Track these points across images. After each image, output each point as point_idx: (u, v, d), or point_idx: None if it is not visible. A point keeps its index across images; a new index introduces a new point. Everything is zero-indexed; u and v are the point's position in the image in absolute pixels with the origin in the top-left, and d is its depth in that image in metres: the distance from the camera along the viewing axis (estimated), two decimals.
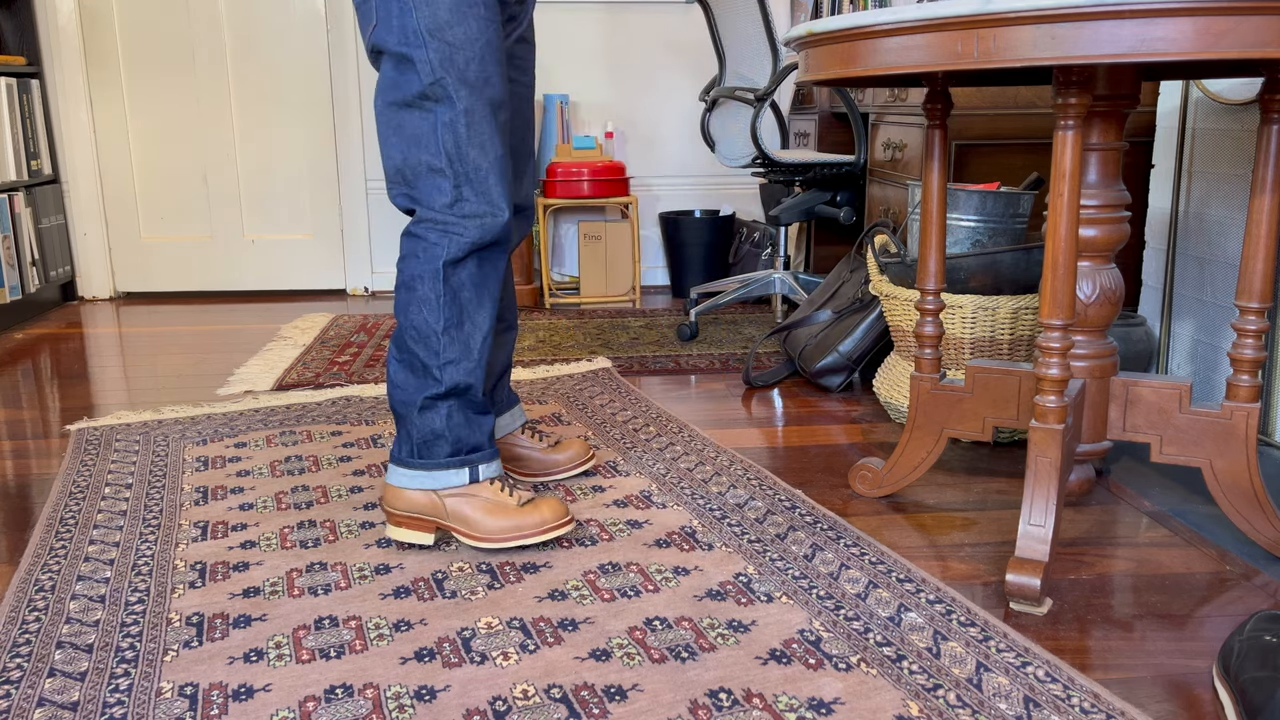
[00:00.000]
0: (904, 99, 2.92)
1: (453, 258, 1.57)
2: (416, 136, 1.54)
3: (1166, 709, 1.22)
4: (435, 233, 1.57)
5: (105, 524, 1.77)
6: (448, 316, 1.59)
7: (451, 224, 1.56)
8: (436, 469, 1.62)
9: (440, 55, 1.51)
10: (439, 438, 1.62)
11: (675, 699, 1.22)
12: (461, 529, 1.62)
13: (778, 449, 2.17)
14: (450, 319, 1.59)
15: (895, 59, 1.40)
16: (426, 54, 1.50)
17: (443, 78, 1.51)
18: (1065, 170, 1.43)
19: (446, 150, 1.53)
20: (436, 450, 1.62)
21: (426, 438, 1.62)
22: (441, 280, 1.58)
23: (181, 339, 3.33)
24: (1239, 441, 1.61)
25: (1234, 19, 1.19)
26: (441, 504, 1.63)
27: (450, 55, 1.51)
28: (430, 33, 1.50)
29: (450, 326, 1.59)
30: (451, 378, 1.60)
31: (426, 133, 1.53)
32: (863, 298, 2.59)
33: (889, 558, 1.60)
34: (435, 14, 1.50)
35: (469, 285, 1.59)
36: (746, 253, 3.97)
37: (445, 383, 1.60)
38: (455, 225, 1.56)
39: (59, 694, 1.24)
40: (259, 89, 4.04)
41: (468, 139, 1.53)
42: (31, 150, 3.73)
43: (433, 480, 1.63)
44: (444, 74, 1.51)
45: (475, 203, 1.56)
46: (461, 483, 1.63)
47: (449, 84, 1.51)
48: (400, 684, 1.26)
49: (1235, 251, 2.05)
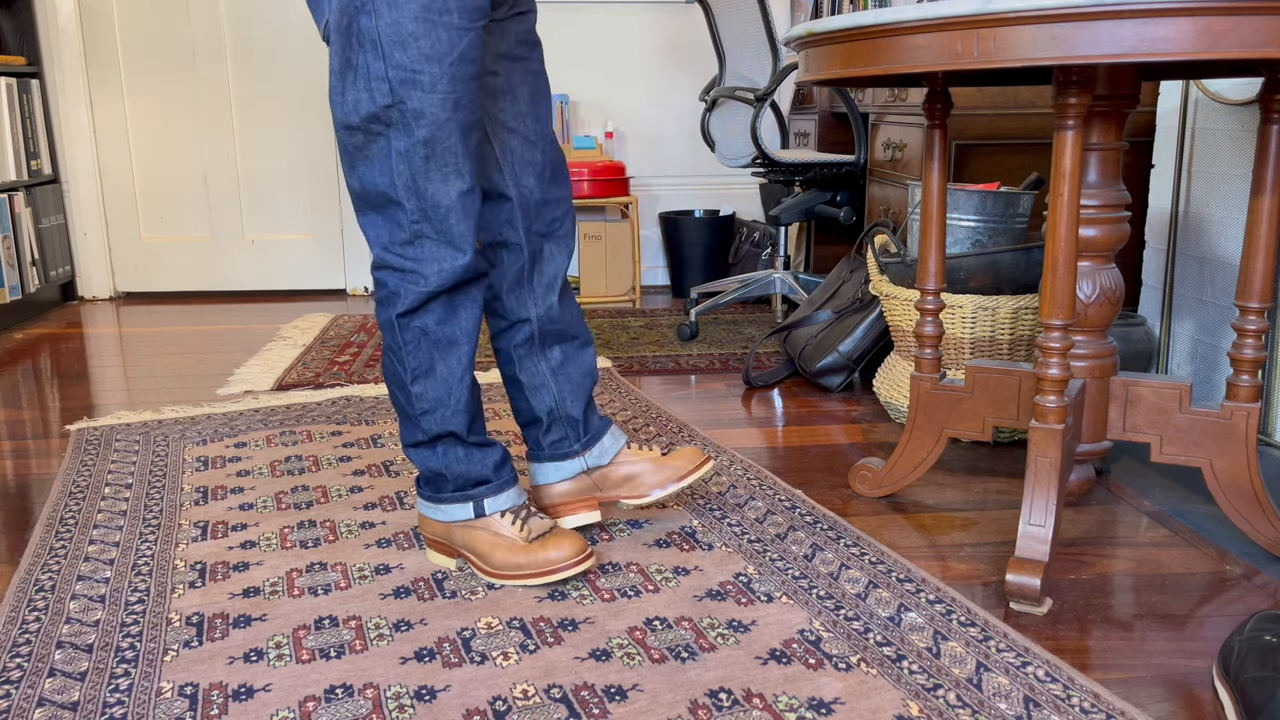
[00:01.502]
0: (904, 99, 2.92)
1: (408, 308, 1.44)
2: (369, 160, 1.37)
3: (1166, 709, 1.22)
4: (394, 278, 1.44)
5: (105, 524, 1.77)
6: (414, 367, 1.48)
7: (407, 269, 1.42)
8: (442, 502, 1.56)
9: (399, 74, 1.31)
10: (438, 475, 1.55)
11: (675, 699, 1.22)
12: (474, 560, 1.56)
13: (778, 449, 2.17)
14: (418, 368, 1.48)
15: (895, 59, 1.40)
16: (384, 69, 1.31)
17: (401, 101, 1.32)
18: (1065, 170, 1.43)
19: (401, 182, 1.37)
20: (440, 485, 1.56)
21: (427, 475, 1.57)
22: (399, 331, 1.46)
23: (181, 339, 3.33)
24: (1239, 441, 1.61)
25: (1234, 19, 1.19)
26: (454, 534, 1.58)
27: (412, 74, 1.31)
28: (391, 43, 1.30)
29: (420, 376, 1.48)
30: (430, 426, 1.51)
31: (379, 159, 1.36)
32: (863, 298, 2.59)
33: (889, 558, 1.60)
34: (399, 21, 1.30)
35: (435, 329, 1.46)
36: (746, 253, 3.97)
37: (427, 431, 1.51)
38: (411, 270, 1.42)
39: (59, 694, 1.24)
40: (259, 89, 4.04)
41: (426, 171, 1.36)
42: (31, 150, 3.73)
43: (440, 513, 1.57)
44: (403, 96, 1.32)
45: (434, 244, 1.41)
46: (467, 516, 1.55)
47: (407, 109, 1.33)
48: (400, 684, 1.26)
49: (1235, 251, 2.05)
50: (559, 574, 1.50)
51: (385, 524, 1.76)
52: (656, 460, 1.71)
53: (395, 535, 1.71)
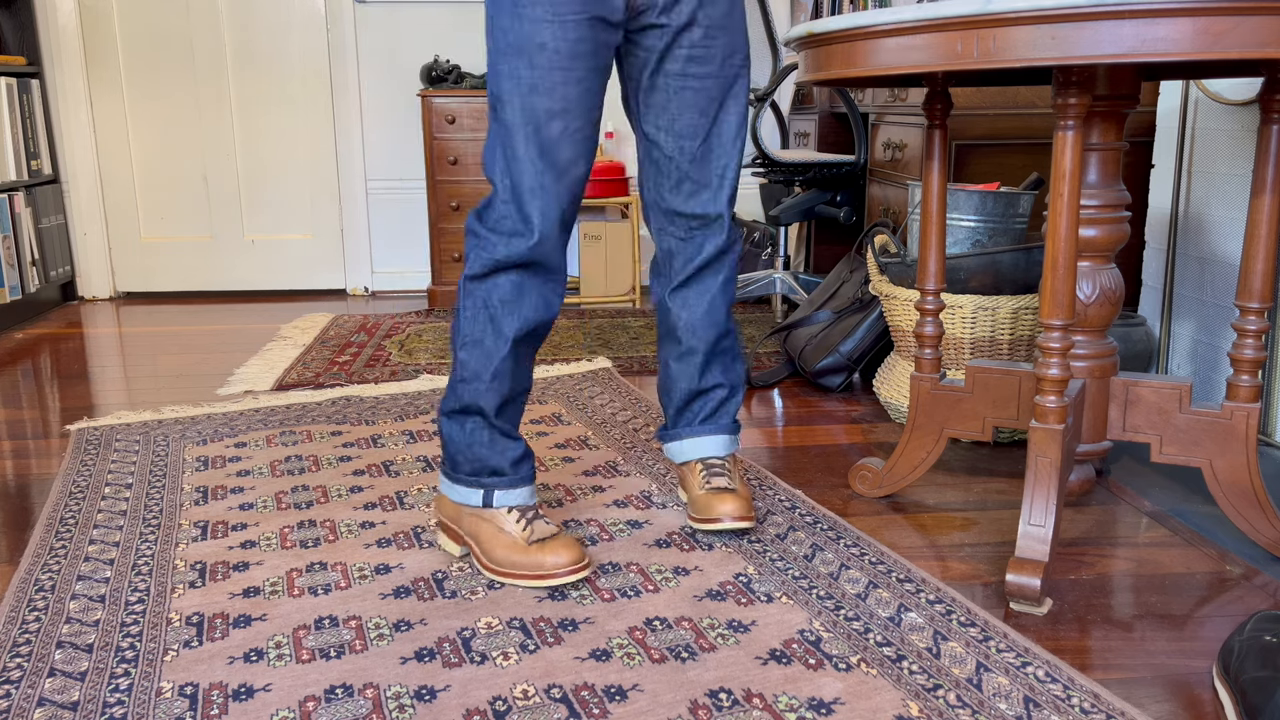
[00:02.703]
0: (904, 99, 2.92)
1: (474, 273, 1.53)
2: (489, 132, 1.53)
3: (1166, 709, 1.22)
4: (470, 242, 1.53)
5: (105, 524, 1.77)
6: (466, 334, 1.54)
7: (483, 236, 1.52)
8: (458, 483, 1.59)
9: (508, 66, 1.46)
10: (459, 451, 1.58)
11: (675, 699, 1.22)
12: (474, 548, 1.58)
13: (778, 449, 2.17)
14: (469, 337, 1.54)
15: (895, 59, 1.40)
16: (495, 64, 1.48)
17: (503, 88, 1.47)
18: (1065, 170, 1.43)
19: (498, 160, 1.50)
20: (459, 464, 1.59)
21: (449, 448, 1.59)
22: (463, 295, 1.54)
23: (181, 339, 3.33)
24: (1239, 441, 1.61)
25: (1234, 19, 1.19)
26: (463, 519, 1.60)
27: (515, 68, 1.46)
28: (504, 44, 1.47)
29: (468, 345, 1.54)
30: (463, 395, 1.55)
31: (490, 133, 1.51)
32: (863, 298, 2.59)
33: (889, 558, 1.60)
34: (514, 24, 1.45)
35: (497, 304, 1.53)
36: (746, 253, 3.97)
37: (459, 399, 1.56)
38: (485, 238, 1.51)
39: (59, 694, 1.24)
40: (259, 89, 4.04)
41: (514, 153, 1.48)
42: (31, 150, 3.73)
43: (454, 493, 1.60)
44: (507, 85, 1.47)
45: (509, 219, 1.50)
46: (475, 504, 1.58)
47: (504, 96, 1.47)
48: (400, 684, 1.26)
49: (1235, 251, 2.05)
50: (553, 579, 1.50)
51: (385, 524, 1.76)
52: (701, 495, 1.71)
53: (395, 535, 1.71)
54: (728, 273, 1.70)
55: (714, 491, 1.68)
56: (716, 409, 1.76)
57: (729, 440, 1.77)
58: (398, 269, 4.23)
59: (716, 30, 1.57)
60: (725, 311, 1.71)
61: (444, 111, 3.66)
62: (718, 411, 1.76)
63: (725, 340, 1.73)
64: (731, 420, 1.77)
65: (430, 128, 3.67)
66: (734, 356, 1.76)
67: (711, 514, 1.66)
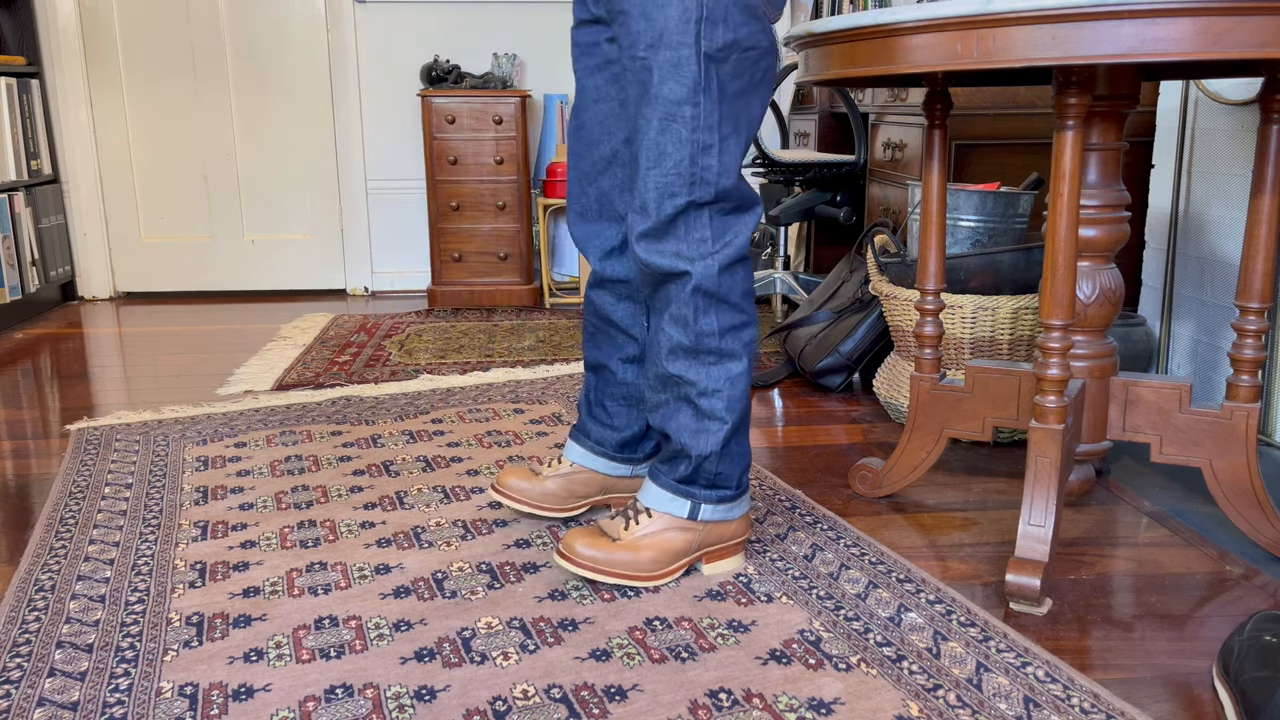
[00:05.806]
0: (904, 99, 2.92)
1: (588, 285, 1.70)
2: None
3: (1166, 709, 1.22)
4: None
5: (105, 524, 1.77)
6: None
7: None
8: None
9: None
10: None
11: (675, 699, 1.22)
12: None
13: (778, 449, 2.17)
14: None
15: (895, 59, 1.40)
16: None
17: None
18: (1065, 170, 1.43)
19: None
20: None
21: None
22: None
23: (181, 339, 3.33)
24: (1239, 441, 1.61)
25: (1234, 19, 1.19)
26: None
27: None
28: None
29: (585, 343, 1.75)
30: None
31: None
32: (863, 298, 2.59)
33: (889, 558, 1.60)
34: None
35: (589, 313, 1.71)
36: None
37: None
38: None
39: (59, 694, 1.24)
40: (259, 89, 4.04)
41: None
42: (31, 150, 3.73)
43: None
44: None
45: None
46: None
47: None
48: (400, 684, 1.26)
49: (1235, 251, 2.05)
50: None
51: (385, 524, 1.76)
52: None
53: (395, 535, 1.71)
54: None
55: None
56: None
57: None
58: (398, 269, 4.23)
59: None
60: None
61: (444, 111, 3.66)
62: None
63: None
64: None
65: (430, 128, 3.67)
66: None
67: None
